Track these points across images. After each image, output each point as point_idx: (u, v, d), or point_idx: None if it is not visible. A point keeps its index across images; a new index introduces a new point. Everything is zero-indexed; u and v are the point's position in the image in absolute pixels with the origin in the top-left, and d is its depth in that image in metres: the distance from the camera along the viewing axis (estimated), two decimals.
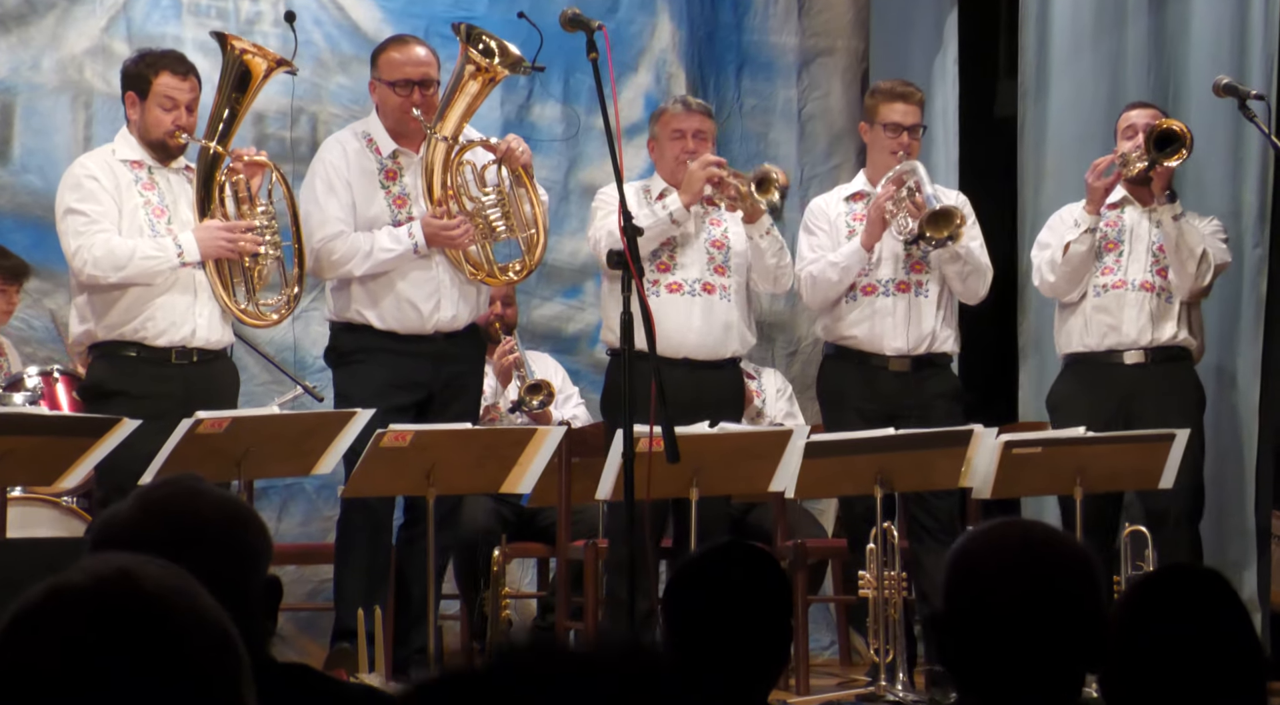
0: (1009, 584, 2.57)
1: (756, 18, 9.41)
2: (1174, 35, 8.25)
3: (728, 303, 7.13)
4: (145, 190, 6.63)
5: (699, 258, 7.14)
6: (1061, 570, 2.60)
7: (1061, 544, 2.64)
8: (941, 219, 7.07)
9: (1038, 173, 8.48)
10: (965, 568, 2.62)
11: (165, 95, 6.60)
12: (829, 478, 6.72)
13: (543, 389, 7.96)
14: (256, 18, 8.58)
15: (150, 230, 6.57)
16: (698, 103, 7.38)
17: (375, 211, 6.81)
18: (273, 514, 8.29)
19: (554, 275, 8.99)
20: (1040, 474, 6.81)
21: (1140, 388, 7.34)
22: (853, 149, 9.13)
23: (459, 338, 6.90)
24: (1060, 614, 2.57)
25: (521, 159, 6.85)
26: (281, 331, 7.78)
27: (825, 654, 8.65)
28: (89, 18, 8.32)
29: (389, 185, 6.85)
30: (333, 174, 6.83)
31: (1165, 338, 7.36)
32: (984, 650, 2.57)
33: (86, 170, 6.62)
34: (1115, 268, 7.39)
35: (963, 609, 2.58)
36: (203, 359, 6.60)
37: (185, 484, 2.69)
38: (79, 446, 6.12)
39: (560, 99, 9.01)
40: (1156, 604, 2.80)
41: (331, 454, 6.33)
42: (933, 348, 7.27)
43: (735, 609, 3.29)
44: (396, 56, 6.89)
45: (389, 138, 6.88)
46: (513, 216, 6.86)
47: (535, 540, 7.85)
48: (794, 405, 8.55)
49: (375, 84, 6.95)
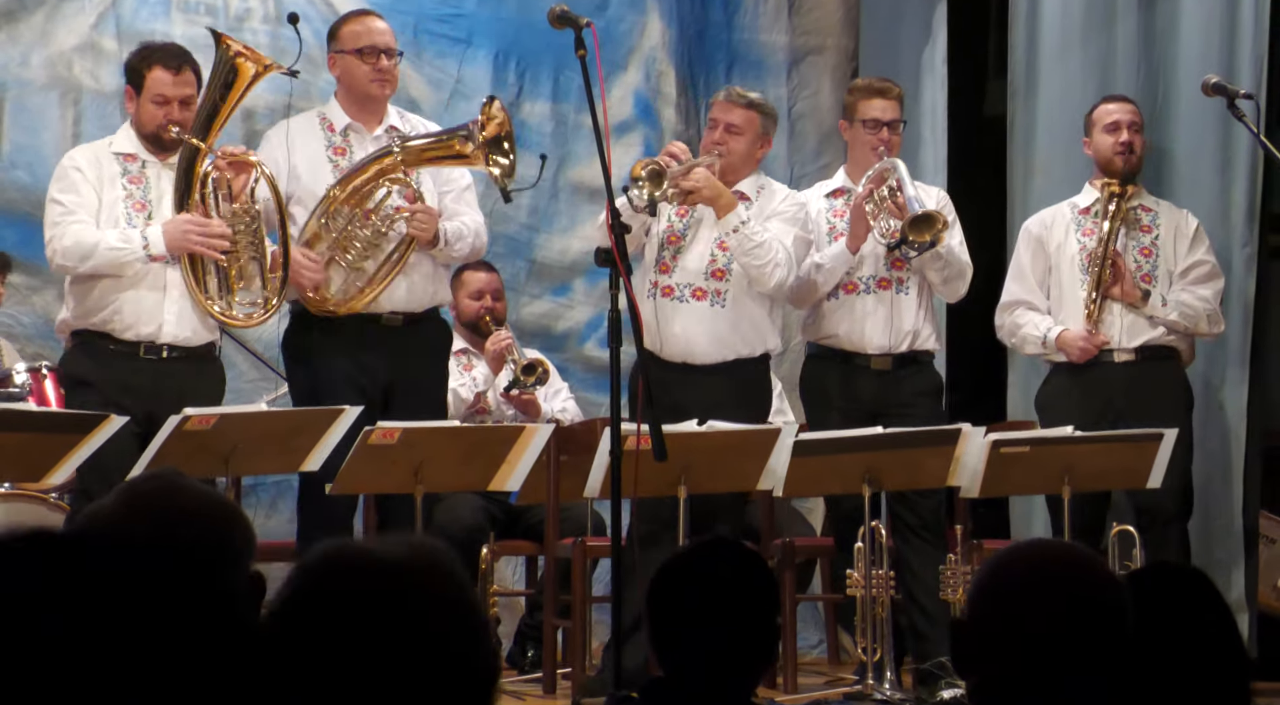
0: (1040, 601, 2.56)
1: (746, 16, 9.40)
2: (1163, 34, 8.26)
3: (721, 307, 7.06)
4: (131, 184, 6.63)
5: (698, 261, 7.09)
6: (1092, 592, 2.59)
7: (1096, 569, 2.63)
8: (924, 223, 7.06)
9: (1027, 171, 8.48)
10: (997, 580, 2.61)
11: (156, 91, 6.61)
12: (817, 476, 6.72)
13: (537, 368, 7.96)
14: (246, 14, 8.58)
15: (126, 223, 6.57)
16: (738, 94, 7.28)
17: (312, 182, 6.79)
18: (262, 511, 8.28)
19: (543, 273, 8.98)
20: (1028, 473, 6.81)
21: (1128, 388, 7.36)
22: (842, 148, 9.08)
23: (418, 325, 6.81)
24: (1087, 635, 2.55)
25: (417, 230, 6.72)
26: (270, 329, 7.76)
27: (813, 652, 8.65)
28: (78, 14, 8.31)
29: (337, 160, 6.85)
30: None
31: (1152, 338, 7.40)
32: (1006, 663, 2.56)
33: (73, 161, 6.65)
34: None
35: (988, 620, 2.57)
36: (175, 356, 6.58)
37: (168, 479, 2.69)
38: (66, 443, 6.11)
39: (550, 98, 9.00)
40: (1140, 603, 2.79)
41: (319, 451, 6.32)
42: (914, 346, 7.27)
43: (721, 606, 3.28)
44: (359, 27, 6.95)
45: (343, 114, 6.87)
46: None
47: (523, 538, 7.84)
48: (784, 402, 8.55)
49: (336, 58, 6.93)
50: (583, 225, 8.91)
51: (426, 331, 6.87)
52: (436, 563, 1.90)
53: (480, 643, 1.90)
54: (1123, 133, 7.48)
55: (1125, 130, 7.49)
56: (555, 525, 7.26)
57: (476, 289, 8.14)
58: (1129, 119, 7.52)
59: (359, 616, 1.85)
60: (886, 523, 6.98)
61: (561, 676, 7.28)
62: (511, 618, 8.19)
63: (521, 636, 8.06)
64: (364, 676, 1.81)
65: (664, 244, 7.08)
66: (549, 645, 7.30)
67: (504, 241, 8.67)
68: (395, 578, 1.87)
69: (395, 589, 1.87)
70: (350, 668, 1.82)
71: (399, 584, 1.87)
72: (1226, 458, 7.97)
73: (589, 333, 8.96)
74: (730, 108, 7.16)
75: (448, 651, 1.86)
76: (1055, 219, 7.59)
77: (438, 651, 1.85)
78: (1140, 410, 7.24)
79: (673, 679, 3.28)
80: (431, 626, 1.85)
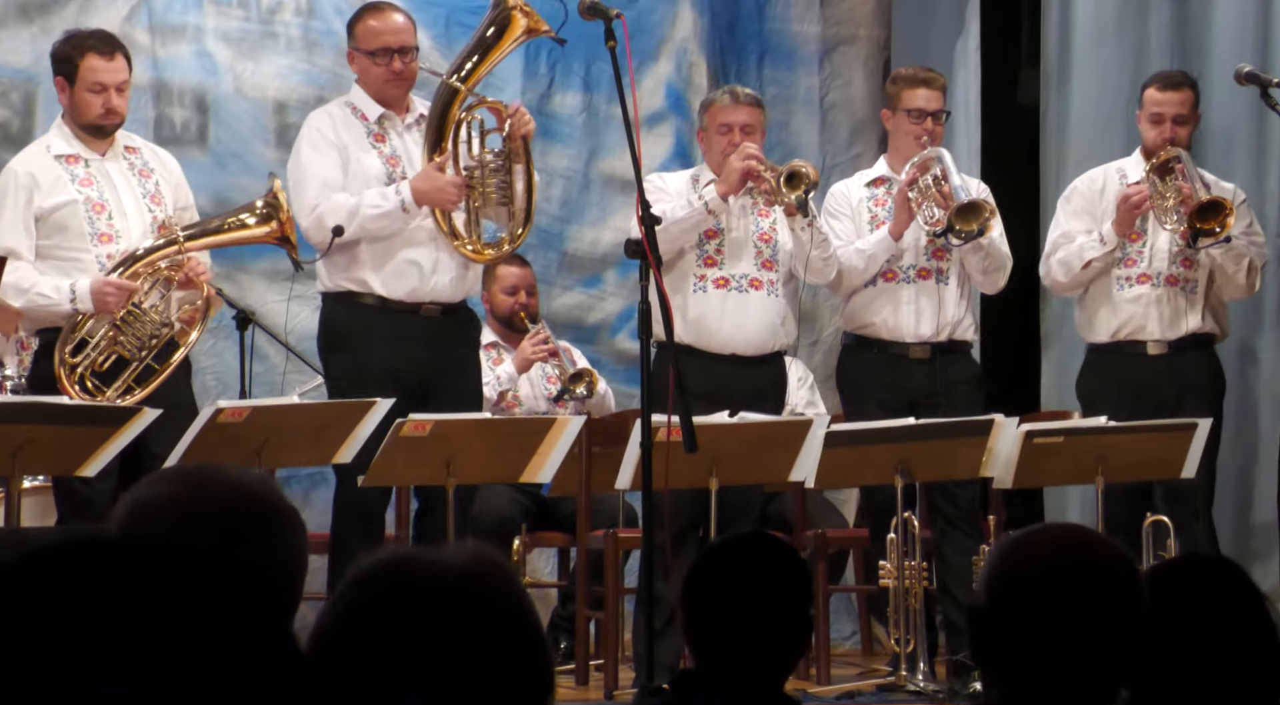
0: (1057, 584, 2.54)
1: (778, 6, 9.39)
2: (1196, 23, 8.23)
3: (775, 297, 7.10)
4: (84, 186, 6.50)
5: (747, 252, 7.11)
6: (1110, 576, 2.57)
7: (1111, 550, 2.62)
8: (970, 212, 7.05)
9: (1060, 161, 8.46)
10: (1013, 564, 2.59)
11: (93, 79, 6.46)
12: (849, 467, 6.71)
13: (584, 377, 7.96)
14: (278, 6, 8.59)
15: (90, 229, 6.45)
16: (746, 93, 7.27)
17: (370, 170, 6.68)
18: (297, 503, 8.27)
19: (574, 265, 8.98)
20: (1062, 463, 6.78)
21: (1163, 377, 7.30)
22: (874, 138, 9.10)
23: (455, 316, 6.77)
24: (1104, 620, 2.54)
25: (525, 128, 6.68)
26: (303, 320, 7.78)
27: (847, 644, 8.64)
28: (110, 7, 8.32)
29: (379, 146, 6.74)
30: (319, 138, 6.69)
31: (1189, 329, 7.33)
32: (1022, 648, 2.54)
33: (14, 175, 6.49)
34: (1139, 259, 7.34)
35: (1005, 604, 2.56)
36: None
37: (230, 479, 2.55)
38: (100, 435, 6.12)
39: (581, 88, 9.00)
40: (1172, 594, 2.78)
41: (351, 443, 6.32)
42: (954, 335, 7.26)
43: (755, 599, 3.28)
44: (375, 24, 6.74)
45: (373, 103, 6.76)
46: (508, 187, 6.69)
47: (555, 530, 7.85)
48: (815, 394, 8.55)
49: (354, 54, 6.80)
50: (614, 216, 8.90)
51: (462, 321, 6.85)
52: (497, 573, 1.82)
53: (541, 655, 1.83)
54: (1166, 128, 7.34)
55: (1169, 124, 7.34)
56: (587, 517, 7.26)
57: (511, 284, 8.12)
58: (1174, 112, 7.32)
59: (424, 634, 1.77)
60: (920, 513, 6.97)
61: (594, 668, 7.29)
62: (544, 609, 8.20)
63: (554, 628, 8.06)
64: (426, 696, 1.75)
65: (704, 238, 7.09)
66: (581, 637, 7.30)
67: (535, 233, 8.62)
68: (461, 591, 1.79)
69: (461, 604, 1.78)
70: (411, 689, 1.76)
71: (465, 598, 1.79)
72: (1262, 447, 7.94)
73: (621, 324, 8.96)
74: (744, 109, 7.16)
75: (509, 668, 1.78)
76: (1106, 182, 7.45)
77: (500, 669, 1.78)
78: (1175, 399, 7.20)
79: (705, 671, 3.28)
80: (494, 642, 1.78)
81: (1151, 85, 7.37)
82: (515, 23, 6.64)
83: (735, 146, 7.03)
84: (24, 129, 8.18)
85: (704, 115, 7.26)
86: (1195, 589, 2.81)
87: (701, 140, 7.33)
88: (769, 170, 6.96)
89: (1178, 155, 7.14)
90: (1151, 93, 7.34)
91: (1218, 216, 7.02)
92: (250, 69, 8.49)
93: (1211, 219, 7.03)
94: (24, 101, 8.23)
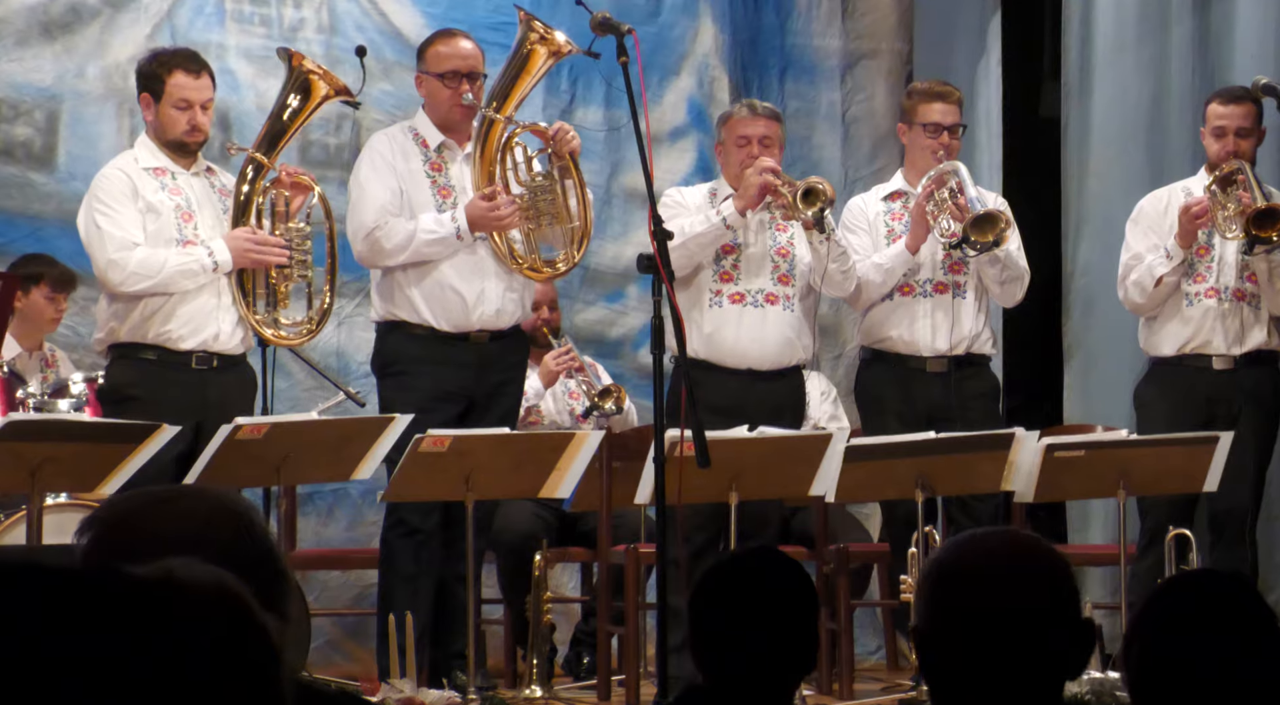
0: (989, 594, 2.55)
1: (800, 21, 9.39)
2: (1218, 36, 8.20)
3: (792, 312, 7.11)
4: (173, 195, 6.64)
5: (763, 267, 7.12)
6: (1041, 579, 2.58)
7: (1040, 552, 2.62)
8: (986, 223, 7.04)
9: (1081, 173, 8.44)
10: (943, 579, 2.60)
11: (180, 96, 6.59)
12: (869, 482, 6.70)
13: (612, 393, 7.97)
14: (300, 24, 8.62)
15: (178, 235, 6.59)
16: (764, 107, 7.29)
17: (420, 200, 6.77)
18: (318, 519, 8.31)
19: (596, 279, 8.99)
20: (1083, 477, 6.76)
21: (1227, 391, 7.23)
22: (896, 152, 9.07)
23: (504, 341, 6.85)
24: (1041, 623, 2.54)
25: (570, 145, 6.78)
26: (326, 337, 7.80)
27: (872, 659, 8.62)
28: (133, 25, 8.36)
29: (434, 176, 6.83)
30: (379, 160, 6.80)
31: (1255, 344, 7.28)
32: (963, 661, 2.55)
33: (112, 181, 6.62)
34: (1207, 275, 7.29)
35: (942, 620, 2.56)
36: (223, 365, 6.61)
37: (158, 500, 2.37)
38: (120, 453, 6.14)
39: (603, 104, 9.01)
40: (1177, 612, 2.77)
41: (371, 459, 6.33)
42: (971, 349, 7.25)
43: (760, 614, 3.28)
44: (444, 49, 6.87)
45: (436, 131, 6.86)
46: (560, 205, 6.80)
47: (577, 545, 7.85)
48: (838, 408, 8.54)
49: (422, 78, 6.91)
50: (636, 231, 8.91)
51: (506, 347, 6.90)
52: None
53: None
54: (1229, 141, 7.27)
55: (1231, 137, 7.30)
56: (608, 532, 7.26)
57: (534, 300, 8.13)
58: (1236, 125, 7.25)
59: None
60: (942, 527, 6.95)
61: (616, 683, 7.28)
62: (567, 624, 8.20)
63: (577, 643, 8.06)
64: None
65: (720, 253, 7.09)
66: (603, 652, 7.30)
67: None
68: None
69: None
70: None
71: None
72: None
73: (643, 339, 8.92)
74: (762, 122, 7.16)
75: None
76: (1170, 200, 7.41)
77: None
78: (1232, 414, 7.15)
79: (711, 686, 3.28)
80: None
81: (1214, 100, 7.36)
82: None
83: (753, 159, 7.03)
84: (47, 147, 8.22)
85: (721, 128, 7.27)
86: (1199, 606, 2.79)
87: (719, 153, 7.34)
88: (786, 185, 6.96)
89: (1240, 166, 7.12)
90: (1214, 107, 7.32)
91: (1276, 225, 7.00)
92: (272, 86, 8.48)
93: (1269, 227, 7.01)
94: (47, 120, 8.26)
